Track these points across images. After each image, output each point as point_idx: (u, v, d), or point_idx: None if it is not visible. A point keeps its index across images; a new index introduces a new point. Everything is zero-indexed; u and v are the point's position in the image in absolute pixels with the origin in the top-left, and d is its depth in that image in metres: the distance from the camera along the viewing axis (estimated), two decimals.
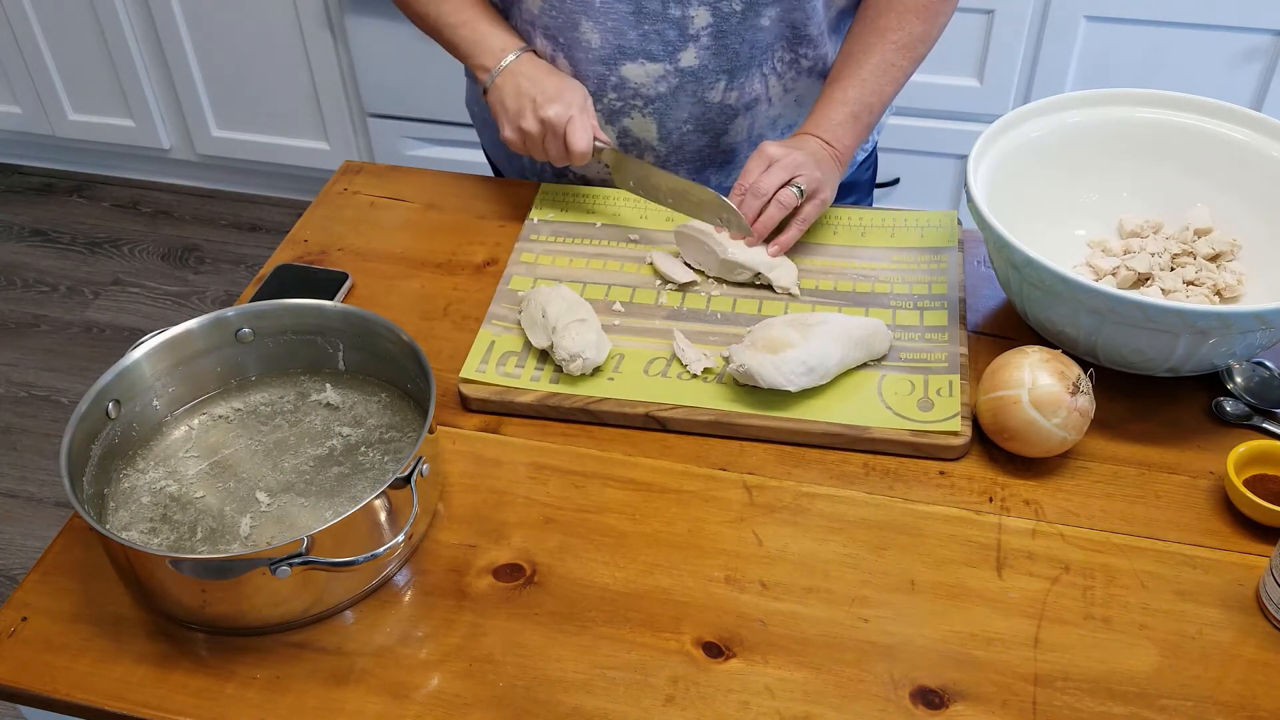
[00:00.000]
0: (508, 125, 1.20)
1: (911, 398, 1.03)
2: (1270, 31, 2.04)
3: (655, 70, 1.20)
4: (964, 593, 0.90)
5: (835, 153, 1.18)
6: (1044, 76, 2.19)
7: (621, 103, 1.24)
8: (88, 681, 0.86)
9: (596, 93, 1.23)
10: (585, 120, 1.18)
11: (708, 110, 1.24)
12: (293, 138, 2.71)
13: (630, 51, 1.19)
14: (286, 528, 0.92)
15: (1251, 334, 0.96)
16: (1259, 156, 1.12)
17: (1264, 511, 0.92)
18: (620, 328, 1.11)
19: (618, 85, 1.22)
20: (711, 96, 1.23)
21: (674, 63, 1.20)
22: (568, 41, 1.21)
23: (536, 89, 1.18)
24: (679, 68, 1.20)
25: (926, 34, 1.20)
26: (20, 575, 2.08)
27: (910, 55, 1.20)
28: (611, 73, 1.21)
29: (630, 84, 1.22)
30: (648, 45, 1.19)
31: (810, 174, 1.14)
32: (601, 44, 1.20)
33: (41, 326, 2.61)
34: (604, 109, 1.25)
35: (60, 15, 2.63)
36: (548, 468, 1.01)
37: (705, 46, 1.19)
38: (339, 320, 1.01)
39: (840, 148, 1.18)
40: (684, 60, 1.19)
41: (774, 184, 1.13)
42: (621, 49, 1.19)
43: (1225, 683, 0.84)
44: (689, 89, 1.22)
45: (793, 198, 1.13)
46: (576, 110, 1.17)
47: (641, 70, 1.20)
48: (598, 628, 0.88)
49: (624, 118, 1.25)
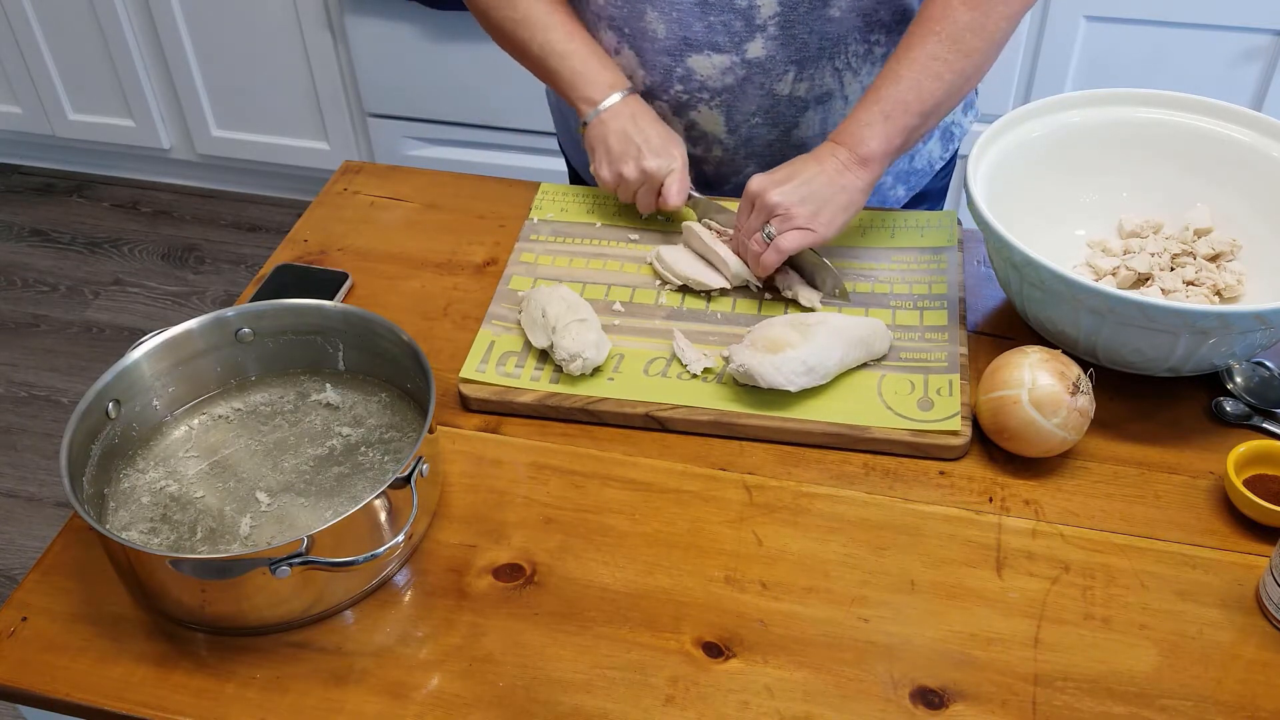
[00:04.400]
0: (606, 167, 1.20)
1: (911, 397, 1.03)
2: (1270, 31, 2.04)
3: (721, 62, 1.19)
4: (964, 593, 0.90)
5: (858, 159, 1.10)
6: (1044, 76, 2.19)
7: (688, 95, 1.22)
8: (88, 681, 0.86)
9: (663, 84, 1.22)
10: (684, 175, 1.20)
11: (776, 103, 1.22)
12: (293, 138, 2.71)
13: (696, 43, 1.18)
14: (286, 528, 0.92)
15: (1251, 334, 0.96)
16: (1259, 156, 1.12)
17: (1264, 511, 0.92)
18: (620, 328, 1.11)
19: (684, 77, 1.21)
20: (780, 89, 1.21)
21: (740, 54, 1.18)
22: (633, 32, 1.20)
23: (642, 138, 1.19)
24: (745, 59, 1.18)
25: (976, 24, 1.10)
26: (20, 575, 2.08)
27: (958, 48, 1.10)
28: (678, 64, 1.20)
29: (696, 76, 1.20)
30: (713, 36, 1.17)
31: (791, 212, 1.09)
32: (667, 35, 1.19)
33: (41, 326, 2.61)
34: (670, 101, 1.23)
35: (60, 15, 2.63)
36: (548, 468, 1.01)
37: (773, 37, 1.17)
38: (339, 320, 1.01)
39: (864, 152, 1.10)
40: (750, 51, 1.18)
41: (751, 232, 1.12)
42: (687, 40, 1.18)
43: (1225, 683, 0.84)
44: (756, 80, 1.20)
45: (762, 244, 1.11)
46: (679, 165, 1.19)
47: (708, 62, 1.19)
48: (598, 628, 0.88)
49: (691, 110, 1.24)
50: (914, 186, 1.35)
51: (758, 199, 1.11)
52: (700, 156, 1.28)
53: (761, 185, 1.11)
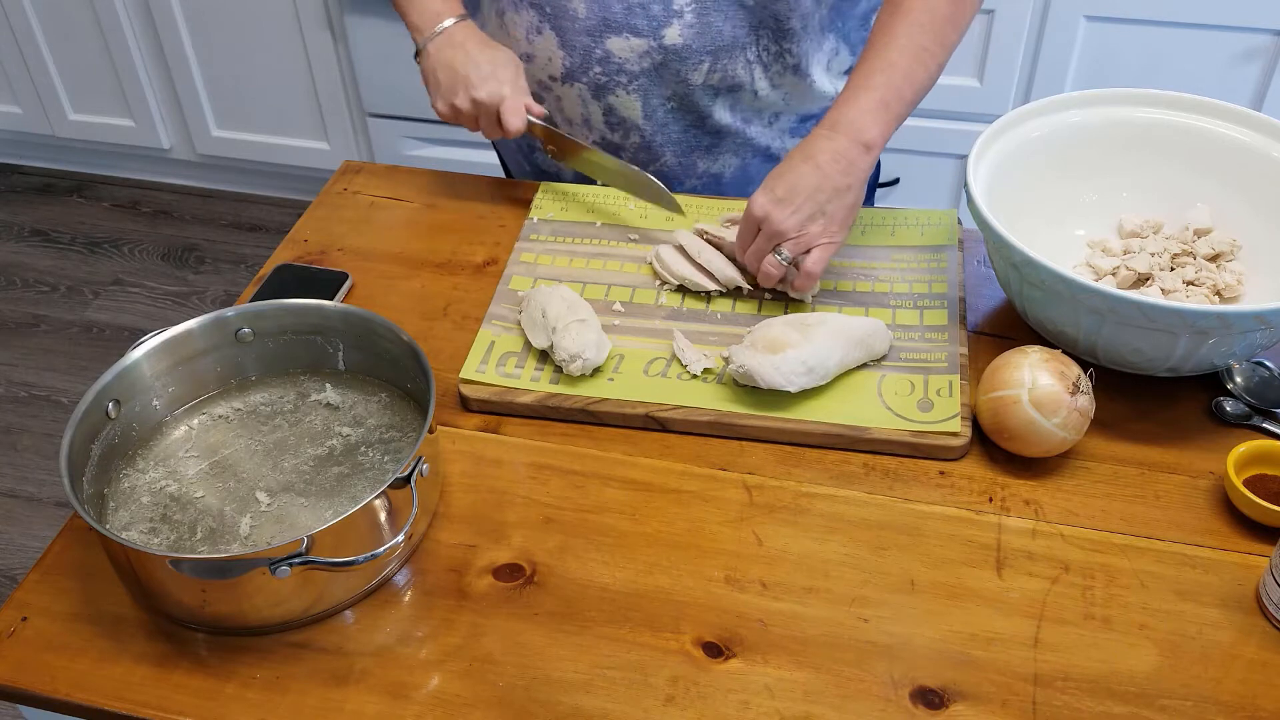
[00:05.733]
0: (440, 100, 1.21)
1: (911, 398, 1.03)
2: (1270, 31, 2.04)
3: (639, 45, 1.20)
4: (964, 593, 0.90)
5: (860, 144, 1.08)
6: (1044, 76, 2.19)
7: (606, 78, 1.23)
8: (87, 681, 0.86)
9: (582, 65, 1.22)
10: (518, 99, 1.18)
11: (690, 92, 1.23)
12: (293, 138, 2.71)
13: (615, 24, 1.19)
14: (286, 528, 0.92)
15: (1251, 334, 0.96)
16: (1259, 156, 1.12)
17: (1264, 511, 0.92)
18: (620, 328, 1.11)
19: (603, 59, 1.22)
20: (694, 78, 1.22)
21: (658, 38, 1.19)
22: (554, 11, 1.21)
23: (470, 65, 1.18)
24: (662, 44, 1.19)
25: (955, 16, 1.12)
26: (20, 575, 2.08)
27: (939, 40, 1.11)
28: (597, 45, 1.21)
29: (615, 59, 1.21)
30: (632, 19, 1.18)
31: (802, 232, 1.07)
32: (588, 14, 1.19)
33: (41, 326, 2.61)
34: (589, 83, 1.24)
35: (60, 15, 2.63)
36: (548, 468, 1.01)
37: (689, 24, 1.18)
38: (339, 320, 1.01)
39: (866, 139, 1.08)
40: (668, 37, 1.19)
41: (757, 261, 1.09)
42: (607, 21, 1.19)
43: (1225, 683, 0.84)
44: (672, 67, 1.21)
45: (779, 268, 1.08)
46: (509, 89, 1.18)
47: (626, 44, 1.20)
48: (598, 628, 0.88)
49: (609, 94, 1.24)
50: None
51: (764, 223, 1.08)
52: (618, 143, 1.29)
53: (765, 209, 1.07)
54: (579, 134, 1.30)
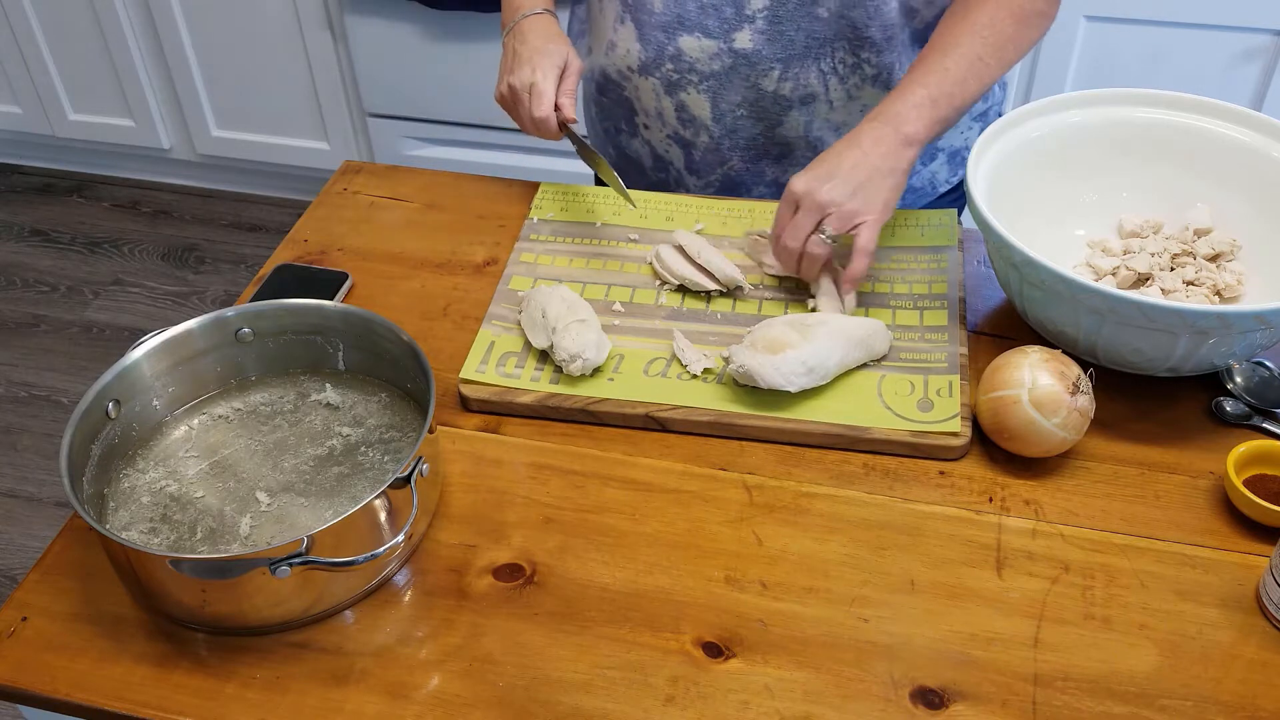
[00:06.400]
0: (496, 87, 1.21)
1: (911, 398, 1.03)
2: (1270, 31, 2.04)
3: (710, 47, 1.19)
4: (964, 593, 0.90)
5: (901, 136, 1.08)
6: (1044, 76, 2.19)
7: (678, 75, 1.23)
8: (87, 681, 0.86)
9: (655, 60, 1.23)
10: (549, 88, 1.15)
11: (761, 98, 1.22)
12: (293, 138, 2.71)
13: (688, 23, 1.19)
14: (286, 528, 0.92)
15: (1251, 334, 0.96)
16: (1259, 156, 1.12)
17: (1264, 511, 0.92)
18: (620, 328, 1.11)
19: (674, 56, 1.21)
20: (765, 84, 1.21)
21: (728, 41, 1.19)
22: (634, 4, 1.21)
23: (519, 54, 1.17)
24: (733, 48, 1.19)
25: (1018, 38, 1.13)
26: (20, 575, 2.08)
27: (999, 56, 1.12)
28: (670, 42, 1.21)
29: (686, 57, 1.21)
30: (704, 20, 1.18)
31: (844, 209, 1.06)
32: (663, 10, 1.19)
33: (41, 326, 2.61)
34: (662, 78, 1.24)
35: (60, 15, 2.63)
36: (548, 468, 1.01)
37: (760, 30, 1.17)
38: (339, 320, 1.01)
39: (908, 130, 1.08)
40: (738, 41, 1.18)
41: (802, 234, 1.07)
42: (681, 19, 1.19)
43: (1225, 683, 0.84)
44: (742, 72, 1.20)
45: (823, 247, 1.07)
46: (539, 77, 1.15)
47: (697, 45, 1.20)
48: (598, 628, 0.88)
49: (680, 91, 1.24)
50: (910, 204, 1.33)
51: (805, 198, 1.07)
52: (689, 140, 1.29)
53: (807, 185, 1.07)
54: (654, 126, 1.29)
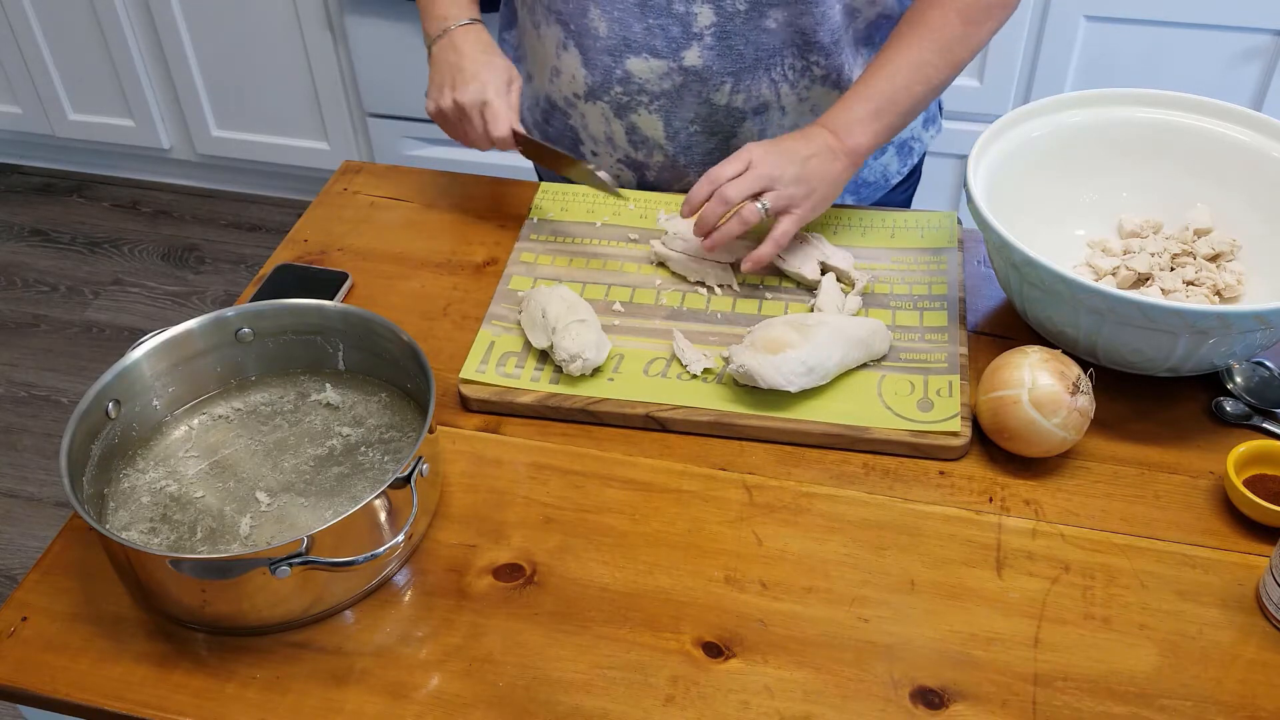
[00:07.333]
0: (429, 99, 1.18)
1: (911, 398, 1.03)
2: (1270, 31, 2.04)
3: (659, 67, 1.19)
4: (964, 593, 0.90)
5: (845, 148, 1.12)
6: (1044, 76, 2.19)
7: (627, 97, 1.22)
8: (87, 681, 0.86)
9: (603, 84, 1.22)
10: (503, 105, 1.14)
11: (714, 112, 1.22)
12: (293, 138, 2.71)
13: (635, 45, 1.18)
14: (286, 528, 0.92)
15: (1251, 334, 0.96)
16: (1259, 156, 1.12)
17: (1264, 511, 0.92)
18: (620, 328, 1.11)
19: (623, 79, 1.21)
20: (717, 98, 1.21)
21: (677, 60, 1.18)
22: (578, 29, 1.20)
23: (459, 68, 1.15)
24: (683, 66, 1.18)
25: (968, 37, 1.14)
26: (20, 575, 2.08)
27: (947, 57, 1.14)
28: (617, 65, 1.20)
29: (635, 79, 1.20)
30: (651, 40, 1.17)
31: (785, 190, 1.09)
32: (608, 34, 1.18)
33: (41, 326, 2.61)
34: (611, 102, 1.23)
35: (60, 15, 2.63)
36: (548, 468, 1.01)
37: (709, 46, 1.17)
38: (339, 320, 1.01)
39: (851, 144, 1.12)
40: (688, 59, 1.18)
41: (740, 194, 1.09)
42: (627, 41, 1.18)
43: (1225, 683, 0.84)
44: (694, 88, 1.20)
45: (756, 214, 1.08)
46: (492, 94, 1.14)
47: (645, 65, 1.19)
48: (597, 628, 0.88)
49: (631, 113, 1.24)
50: (865, 198, 1.35)
51: (759, 163, 1.09)
52: (642, 161, 1.28)
53: (765, 154, 1.09)
54: (604, 152, 1.29)
